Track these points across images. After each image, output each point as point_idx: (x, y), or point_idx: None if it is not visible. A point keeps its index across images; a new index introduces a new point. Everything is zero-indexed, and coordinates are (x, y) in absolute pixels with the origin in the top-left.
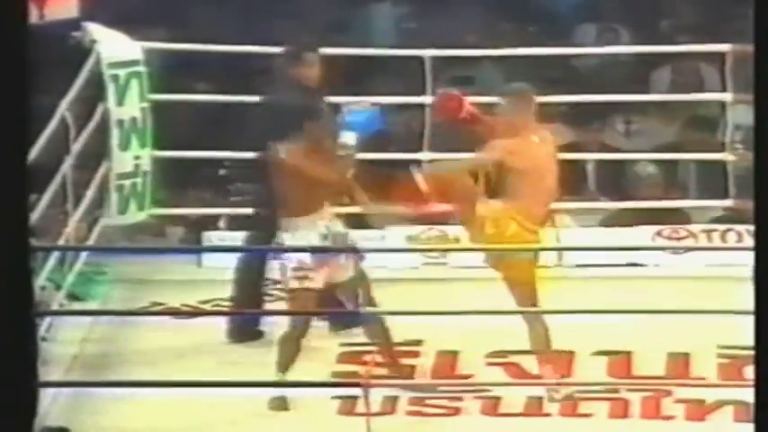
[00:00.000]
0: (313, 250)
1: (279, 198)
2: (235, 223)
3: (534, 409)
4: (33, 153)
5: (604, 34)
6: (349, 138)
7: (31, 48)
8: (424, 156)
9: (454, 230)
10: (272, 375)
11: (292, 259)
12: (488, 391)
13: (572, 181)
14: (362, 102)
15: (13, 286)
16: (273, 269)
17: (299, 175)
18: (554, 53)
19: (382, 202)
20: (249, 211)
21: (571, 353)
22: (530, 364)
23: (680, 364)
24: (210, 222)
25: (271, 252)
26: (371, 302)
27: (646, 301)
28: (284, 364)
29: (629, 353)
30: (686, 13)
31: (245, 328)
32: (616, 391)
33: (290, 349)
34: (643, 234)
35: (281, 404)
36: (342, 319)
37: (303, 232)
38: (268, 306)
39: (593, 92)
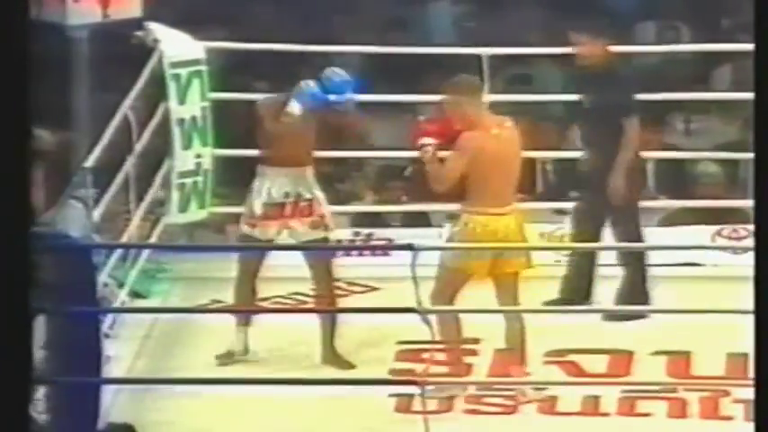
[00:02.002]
0: (354, 248)
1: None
2: None
3: (591, 408)
4: (97, 151)
5: (664, 32)
6: (294, 107)
7: (95, 46)
8: None
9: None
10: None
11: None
12: (545, 389)
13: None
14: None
15: (11, 284)
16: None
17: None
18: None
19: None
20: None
21: (630, 352)
22: (588, 363)
23: (739, 364)
24: None
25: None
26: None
27: (704, 301)
28: None
29: (687, 353)
30: (747, 11)
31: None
32: (674, 390)
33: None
34: (702, 234)
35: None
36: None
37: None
38: None
39: (653, 90)
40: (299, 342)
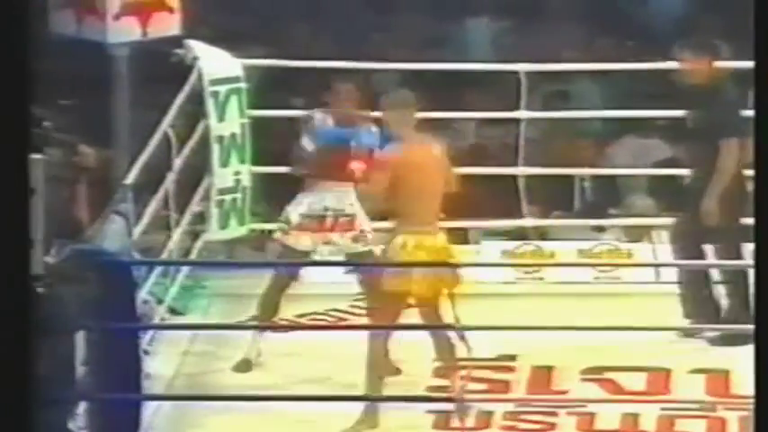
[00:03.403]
0: (391, 265)
1: None
2: None
3: (630, 425)
4: (137, 168)
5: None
6: (306, 144)
7: (135, 64)
8: (519, 170)
9: (550, 245)
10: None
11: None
12: (583, 406)
13: (670, 197)
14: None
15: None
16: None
17: None
18: (652, 68)
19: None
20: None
21: (668, 370)
22: (626, 380)
23: None
24: None
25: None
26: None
27: None
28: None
29: (726, 371)
30: None
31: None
32: (713, 409)
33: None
34: (746, 250)
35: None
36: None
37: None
38: None
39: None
40: (335, 358)
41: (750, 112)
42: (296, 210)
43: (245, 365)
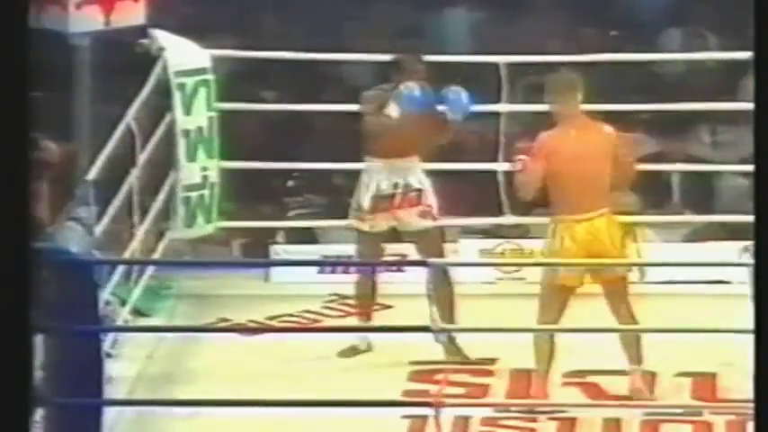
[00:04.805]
0: (365, 264)
1: None
2: (294, 236)
3: (612, 430)
4: (99, 163)
5: (691, 40)
6: (393, 110)
7: (97, 54)
8: (498, 166)
9: (529, 244)
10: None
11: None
12: (564, 411)
13: (655, 193)
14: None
15: (11, 302)
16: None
17: None
18: (636, 59)
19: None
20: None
21: (653, 373)
22: (609, 383)
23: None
24: (271, 236)
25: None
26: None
27: (731, 320)
28: None
29: (713, 374)
30: None
31: None
32: (699, 413)
33: None
34: (730, 250)
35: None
36: None
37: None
38: None
39: (678, 100)
40: (309, 360)
41: None
42: (366, 193)
43: (351, 352)
